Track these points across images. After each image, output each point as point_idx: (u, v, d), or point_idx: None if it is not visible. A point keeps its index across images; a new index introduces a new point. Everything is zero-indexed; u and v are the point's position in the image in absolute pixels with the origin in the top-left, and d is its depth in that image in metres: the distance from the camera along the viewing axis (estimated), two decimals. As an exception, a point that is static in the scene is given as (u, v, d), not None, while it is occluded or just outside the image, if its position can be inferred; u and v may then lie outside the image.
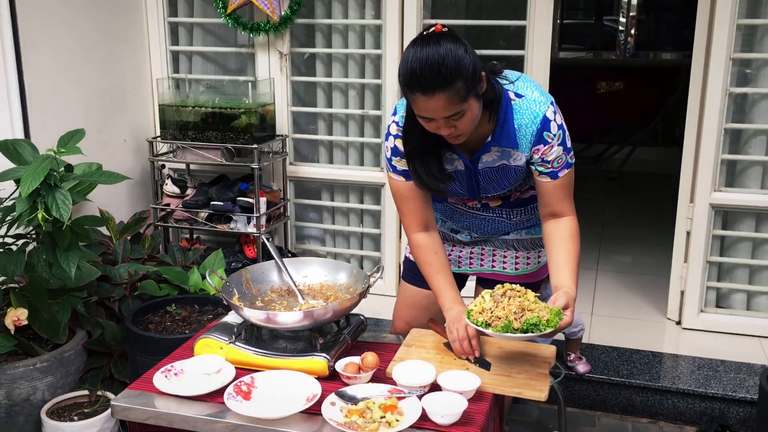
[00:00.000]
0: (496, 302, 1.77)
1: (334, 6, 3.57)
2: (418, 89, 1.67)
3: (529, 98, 1.86)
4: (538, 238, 2.16)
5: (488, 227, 2.14)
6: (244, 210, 3.44)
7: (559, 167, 1.90)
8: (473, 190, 2.01)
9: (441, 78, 1.64)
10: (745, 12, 3.04)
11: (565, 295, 1.81)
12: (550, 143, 1.87)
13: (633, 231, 4.92)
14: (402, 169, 1.97)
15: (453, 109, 1.69)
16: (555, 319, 1.72)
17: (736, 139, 3.21)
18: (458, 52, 1.67)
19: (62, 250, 2.29)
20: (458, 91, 1.67)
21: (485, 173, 1.95)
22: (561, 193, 1.93)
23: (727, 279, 3.34)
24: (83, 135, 2.50)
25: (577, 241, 1.95)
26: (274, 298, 2.14)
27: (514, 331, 1.70)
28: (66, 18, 3.21)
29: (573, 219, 1.96)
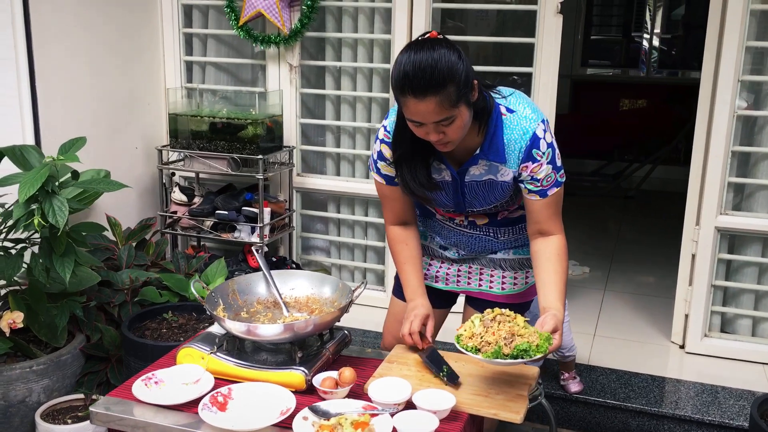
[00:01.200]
0: (486, 327, 1.77)
1: (344, 20, 3.60)
2: (410, 92, 1.68)
3: (520, 114, 1.87)
4: (526, 258, 2.15)
5: (475, 245, 2.13)
6: (248, 220, 3.48)
7: (548, 185, 1.90)
8: (459, 203, 2.01)
9: (433, 81, 1.66)
10: (755, 34, 3.01)
11: (553, 318, 1.80)
12: (539, 161, 1.87)
13: (646, 251, 4.86)
14: (385, 174, 2.02)
15: (443, 114, 1.70)
16: (545, 344, 1.72)
17: (744, 162, 3.17)
18: (452, 57, 1.69)
19: (58, 255, 2.34)
20: (449, 96, 1.68)
21: (471, 186, 1.95)
22: (549, 211, 1.94)
23: (732, 304, 3.29)
24: (84, 143, 2.55)
25: (565, 260, 1.95)
26: (259, 309, 2.15)
27: (504, 356, 1.70)
28: (80, 28, 3.28)
29: (561, 237, 1.97)
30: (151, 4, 3.73)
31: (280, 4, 3.44)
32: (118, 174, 3.44)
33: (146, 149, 3.74)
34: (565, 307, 2.95)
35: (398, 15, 3.40)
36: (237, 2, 3.58)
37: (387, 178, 2.03)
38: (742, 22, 2.95)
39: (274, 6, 3.44)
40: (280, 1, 3.44)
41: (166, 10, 3.77)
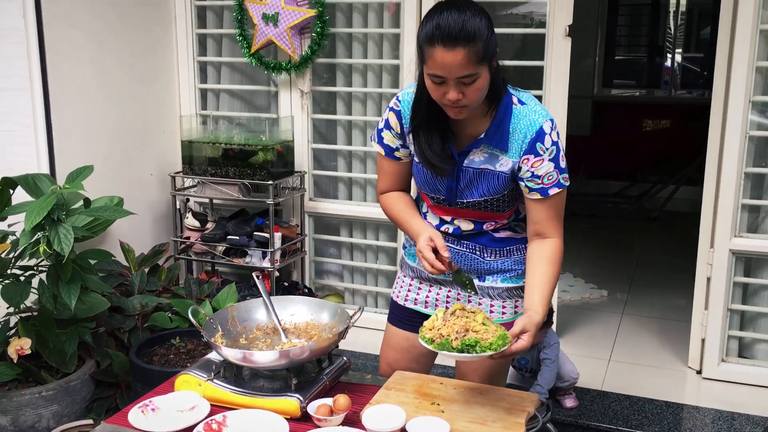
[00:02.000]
0: (445, 321, 1.79)
1: (354, 47, 3.64)
2: (440, 41, 1.70)
3: (530, 108, 1.89)
4: (515, 287, 2.10)
5: (460, 262, 2.08)
6: (259, 245, 3.50)
7: (549, 184, 1.89)
8: (451, 189, 1.98)
9: (464, 33, 1.69)
10: (765, 55, 2.97)
11: (526, 318, 1.79)
12: (541, 155, 1.86)
13: (667, 273, 4.78)
14: (386, 144, 2.03)
15: (469, 69, 1.71)
16: (498, 342, 1.71)
17: (759, 184, 3.11)
18: (483, 18, 1.74)
19: (64, 282, 2.37)
20: (477, 51, 1.70)
21: (467, 173, 1.94)
22: (549, 212, 1.92)
23: (750, 328, 3.22)
24: (91, 171, 2.59)
25: (557, 264, 1.94)
26: (258, 336, 2.15)
27: (451, 349, 1.71)
28: (95, 56, 3.35)
29: (557, 241, 1.95)
30: (166, 33, 3.81)
31: (291, 32, 3.49)
32: (133, 200, 3.51)
33: (161, 175, 3.79)
34: (554, 337, 2.93)
35: (407, 41, 3.43)
36: (249, 31, 3.63)
37: (387, 149, 2.04)
38: (751, 43, 2.92)
39: (285, 34, 3.49)
40: (290, 29, 3.48)
41: (180, 38, 3.84)
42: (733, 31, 2.96)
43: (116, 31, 3.46)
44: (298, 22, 3.47)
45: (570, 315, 3.98)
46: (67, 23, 3.17)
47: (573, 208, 6.47)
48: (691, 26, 8.70)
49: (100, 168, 3.32)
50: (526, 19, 6.08)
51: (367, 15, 3.59)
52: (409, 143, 2.01)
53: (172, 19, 3.82)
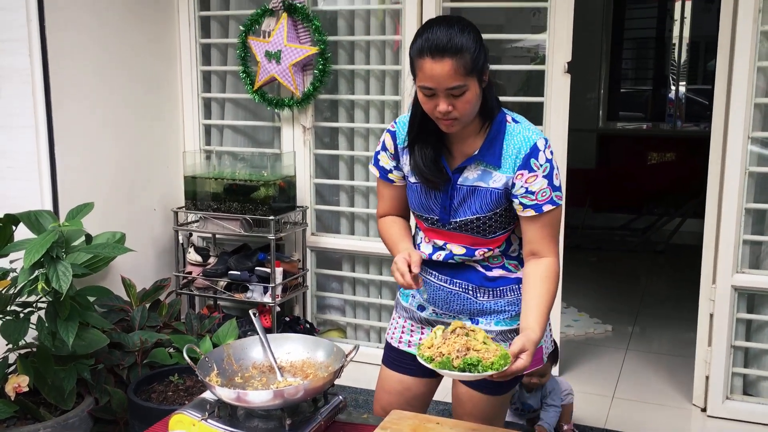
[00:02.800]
0: (445, 339, 1.76)
1: (356, 83, 3.67)
2: (428, 52, 1.75)
3: (524, 126, 1.92)
4: (509, 329, 2.07)
5: (453, 303, 2.07)
6: (261, 280, 3.50)
7: (543, 201, 1.89)
8: (444, 207, 1.99)
9: (451, 45, 1.74)
10: (763, 91, 2.98)
11: (524, 338, 1.77)
12: (535, 171, 1.87)
13: (672, 308, 4.75)
14: (381, 166, 2.07)
15: (457, 81, 1.75)
16: (499, 362, 1.68)
17: (760, 220, 3.10)
18: (472, 33, 1.79)
19: (62, 319, 2.38)
20: (465, 63, 1.75)
21: (461, 190, 1.96)
22: (544, 231, 1.93)
23: (754, 365, 3.18)
24: (92, 208, 2.62)
25: (553, 284, 1.93)
26: (254, 374, 2.14)
27: (452, 368, 1.68)
28: (100, 91, 3.39)
29: (553, 261, 1.95)
30: (170, 69, 3.86)
31: (293, 69, 3.53)
32: (136, 235, 3.53)
33: (164, 210, 3.82)
34: (567, 385, 2.89)
35: (407, 78, 3.45)
36: (252, 68, 3.68)
37: (381, 171, 2.08)
38: (749, 79, 2.93)
39: (287, 71, 3.53)
40: (292, 66, 3.52)
41: (185, 75, 3.89)
42: (731, 66, 2.98)
43: (121, 68, 3.51)
44: (300, 60, 3.51)
45: (574, 350, 3.95)
46: (72, 61, 3.22)
47: (579, 241, 6.46)
48: (697, 58, 8.74)
49: (104, 203, 3.36)
50: (531, 53, 6.14)
51: (369, 52, 3.64)
52: (402, 164, 2.04)
53: (177, 56, 3.88)
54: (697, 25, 8.08)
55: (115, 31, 3.45)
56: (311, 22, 3.51)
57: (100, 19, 3.37)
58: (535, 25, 5.44)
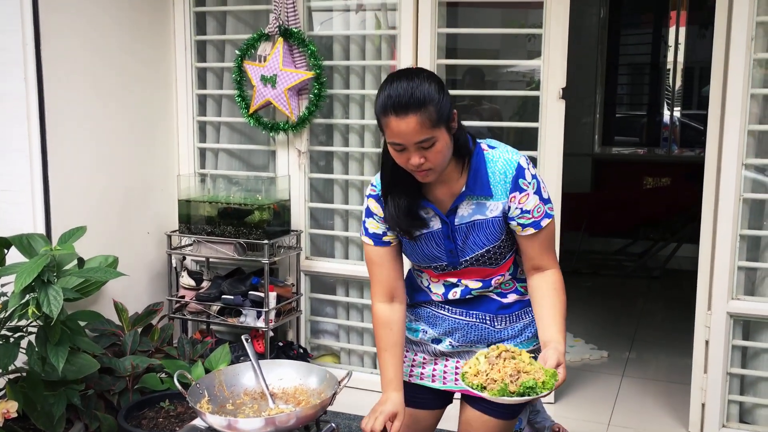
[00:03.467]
0: (491, 364, 1.76)
1: (351, 107, 3.68)
2: (392, 110, 1.74)
3: (501, 149, 1.93)
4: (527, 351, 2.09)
5: (471, 333, 2.07)
6: (254, 304, 3.48)
7: (540, 216, 1.91)
8: (451, 251, 1.98)
9: (414, 100, 1.73)
10: (757, 118, 2.99)
11: (555, 351, 1.80)
12: (526, 190, 1.89)
13: (668, 334, 4.72)
14: (372, 233, 2.01)
15: (424, 134, 1.74)
16: (551, 381, 1.71)
17: (755, 246, 3.10)
18: (432, 83, 1.78)
19: (52, 344, 2.36)
20: (430, 116, 1.74)
21: (461, 230, 1.95)
22: (543, 245, 1.95)
23: (750, 392, 3.16)
24: (84, 232, 2.60)
25: (563, 294, 1.95)
26: (246, 401, 2.13)
27: (510, 394, 1.68)
28: (95, 116, 3.39)
29: (557, 272, 1.97)
30: (166, 93, 3.86)
31: (289, 93, 3.54)
32: (129, 258, 3.51)
33: (158, 234, 3.80)
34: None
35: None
36: (248, 91, 3.69)
37: (374, 238, 2.01)
38: (742, 106, 2.94)
39: (283, 95, 3.53)
40: (288, 90, 3.53)
41: (181, 99, 3.90)
42: (725, 93, 2.99)
43: (116, 92, 3.52)
44: (295, 84, 3.52)
45: (569, 376, 3.89)
46: (67, 85, 3.22)
47: (576, 265, 6.45)
48: (692, 83, 8.80)
49: (97, 226, 3.34)
50: (527, 78, 6.18)
51: (365, 77, 3.65)
52: None
53: (173, 79, 3.89)
54: (691, 51, 8.15)
55: (110, 55, 3.46)
56: (307, 47, 3.52)
57: (96, 45, 3.38)
58: (531, 50, 5.49)
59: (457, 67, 4.97)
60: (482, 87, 5.11)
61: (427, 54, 3.40)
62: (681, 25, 7.93)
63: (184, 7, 3.82)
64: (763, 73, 3.02)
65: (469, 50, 5.75)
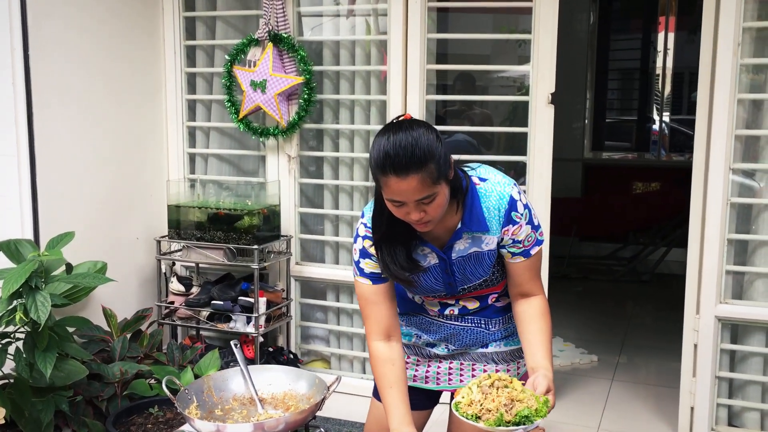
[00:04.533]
0: (485, 394, 1.76)
1: (341, 112, 3.69)
2: (392, 170, 1.68)
3: (492, 181, 1.90)
4: (518, 348, 2.11)
5: (467, 338, 2.09)
6: (244, 309, 3.47)
7: (530, 245, 1.92)
8: (449, 284, 1.98)
9: (415, 159, 1.67)
10: (744, 123, 3.02)
11: (545, 378, 1.81)
12: (519, 222, 1.89)
13: (658, 338, 4.74)
14: (369, 272, 1.96)
15: (425, 192, 1.71)
16: (543, 408, 1.72)
17: (743, 250, 3.12)
18: (430, 136, 1.71)
19: (40, 350, 2.34)
20: (431, 173, 1.69)
21: (459, 263, 1.94)
22: (532, 272, 1.96)
23: (738, 396, 3.17)
24: (72, 237, 2.60)
25: (549, 320, 1.97)
26: (235, 406, 2.12)
27: (506, 424, 1.68)
28: (84, 120, 3.38)
29: (543, 298, 1.99)
30: (156, 98, 3.86)
31: (278, 98, 3.54)
32: (119, 264, 3.50)
33: (147, 240, 3.79)
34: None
35: (392, 106, 3.48)
36: (237, 96, 3.69)
37: (373, 277, 1.95)
38: (729, 111, 2.96)
39: (272, 100, 3.54)
40: (278, 96, 3.53)
41: (170, 104, 3.89)
42: (712, 99, 3.01)
43: (106, 97, 3.51)
44: (285, 89, 3.52)
45: (559, 381, 3.92)
46: (55, 89, 3.21)
47: (566, 270, 6.47)
48: (681, 89, 8.85)
49: (86, 232, 3.33)
50: (517, 83, 6.20)
51: (354, 82, 3.65)
52: None
53: (162, 85, 3.88)
54: (680, 57, 8.20)
55: (99, 60, 3.46)
56: (297, 52, 3.53)
57: (85, 49, 3.37)
58: (521, 55, 5.50)
59: (448, 73, 4.98)
60: (473, 92, 5.12)
61: (416, 59, 3.41)
62: (670, 30, 7.98)
63: (173, 12, 3.82)
64: (750, 78, 3.04)
65: (460, 56, 5.76)
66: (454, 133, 4.12)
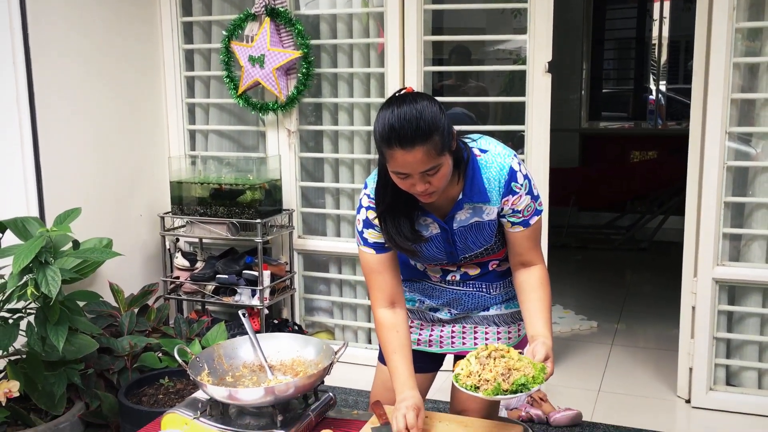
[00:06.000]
0: (482, 365, 1.80)
1: (340, 85, 3.71)
2: (397, 143, 1.71)
3: (493, 152, 1.92)
4: (518, 311, 2.15)
5: (468, 302, 2.14)
6: (249, 283, 3.52)
7: (529, 215, 1.95)
8: (451, 253, 2.02)
9: (420, 131, 1.69)
10: (739, 87, 3.04)
11: (543, 346, 1.84)
12: (518, 193, 1.91)
13: (656, 303, 4.81)
14: (373, 242, 1.99)
15: (430, 163, 1.73)
16: (540, 375, 1.76)
17: (739, 213, 3.16)
18: (433, 108, 1.74)
19: (52, 324, 2.39)
20: (436, 145, 1.72)
21: (460, 232, 1.98)
22: (531, 242, 1.99)
23: (736, 356, 3.24)
24: (79, 213, 2.63)
25: (548, 289, 2.00)
26: (245, 373, 2.17)
27: (503, 392, 1.73)
28: (85, 99, 3.41)
29: (543, 267, 2.02)
30: (155, 76, 3.87)
31: (277, 73, 3.56)
32: (123, 241, 3.54)
33: (150, 216, 3.83)
34: None
35: (391, 79, 3.50)
36: (236, 72, 3.70)
37: (376, 247, 1.98)
38: (725, 76, 2.99)
39: (271, 75, 3.55)
40: (276, 70, 3.55)
41: (169, 81, 3.91)
42: (708, 64, 3.03)
43: (106, 75, 3.53)
44: (283, 64, 3.54)
45: (560, 347, 3.99)
46: (56, 68, 3.23)
47: (564, 240, 6.53)
48: (677, 58, 8.85)
49: (90, 210, 3.36)
50: (513, 54, 6.20)
51: (352, 55, 3.67)
52: None
53: (161, 62, 3.90)
54: (676, 25, 8.19)
55: (98, 38, 3.47)
56: (294, 26, 3.54)
57: (84, 27, 3.38)
58: (516, 27, 5.50)
59: (443, 46, 4.99)
60: (469, 65, 5.14)
61: (413, 30, 3.43)
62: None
63: (169, -12, 3.82)
64: (746, 43, 3.06)
65: (456, 28, 5.77)
66: (451, 107, 4.15)
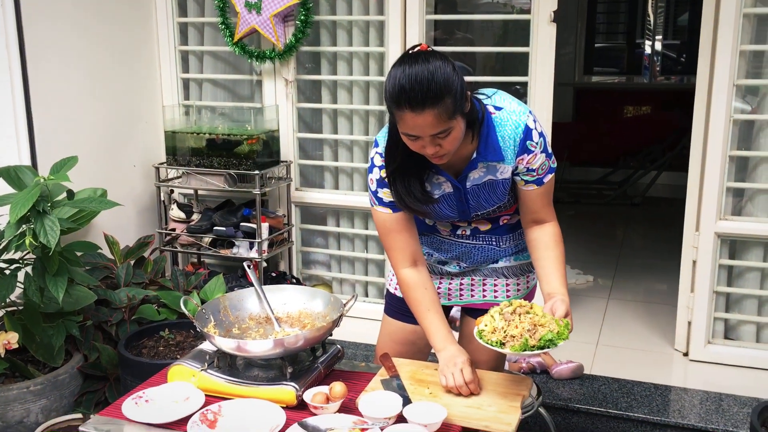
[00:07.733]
0: (507, 321, 1.80)
1: (338, 34, 3.61)
2: (407, 105, 1.66)
3: (508, 109, 1.88)
4: (527, 263, 2.15)
5: (478, 255, 2.11)
6: (246, 235, 3.48)
7: (543, 173, 1.93)
8: (463, 211, 2.00)
9: (431, 94, 1.65)
10: (749, 38, 2.99)
11: (563, 303, 1.84)
12: (534, 151, 1.88)
13: (652, 258, 4.82)
14: (388, 201, 1.95)
15: (441, 127, 1.69)
16: (565, 331, 1.78)
17: (743, 167, 3.14)
18: (447, 69, 1.68)
19: (51, 275, 2.34)
20: (447, 108, 1.67)
21: (473, 191, 1.95)
22: (545, 199, 1.97)
23: (735, 310, 3.25)
24: (76, 162, 2.56)
25: (562, 246, 1.99)
26: (251, 325, 2.14)
27: (531, 348, 1.74)
28: (76, 48, 3.30)
29: (556, 224, 2.00)
30: (146, 22, 3.75)
31: (274, 20, 3.46)
32: (117, 192, 3.46)
33: (144, 167, 3.75)
34: None
35: (391, 28, 3.41)
36: (231, 19, 3.60)
37: (392, 206, 1.94)
38: (735, 26, 2.93)
39: (268, 22, 3.45)
40: (273, 17, 3.45)
41: (161, 28, 3.79)
42: (717, 15, 2.97)
43: (96, 22, 3.41)
44: (281, 10, 3.43)
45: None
46: (46, 15, 3.12)
47: (558, 195, 6.46)
48: (669, 13, 8.74)
49: (83, 160, 3.25)
50: (507, 7, 6.09)
51: (352, 2, 3.57)
52: None
53: (153, 8, 3.77)
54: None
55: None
56: (292, -29, 3.43)
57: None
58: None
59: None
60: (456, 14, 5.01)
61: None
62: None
63: (161, -70, 3.68)
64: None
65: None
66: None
